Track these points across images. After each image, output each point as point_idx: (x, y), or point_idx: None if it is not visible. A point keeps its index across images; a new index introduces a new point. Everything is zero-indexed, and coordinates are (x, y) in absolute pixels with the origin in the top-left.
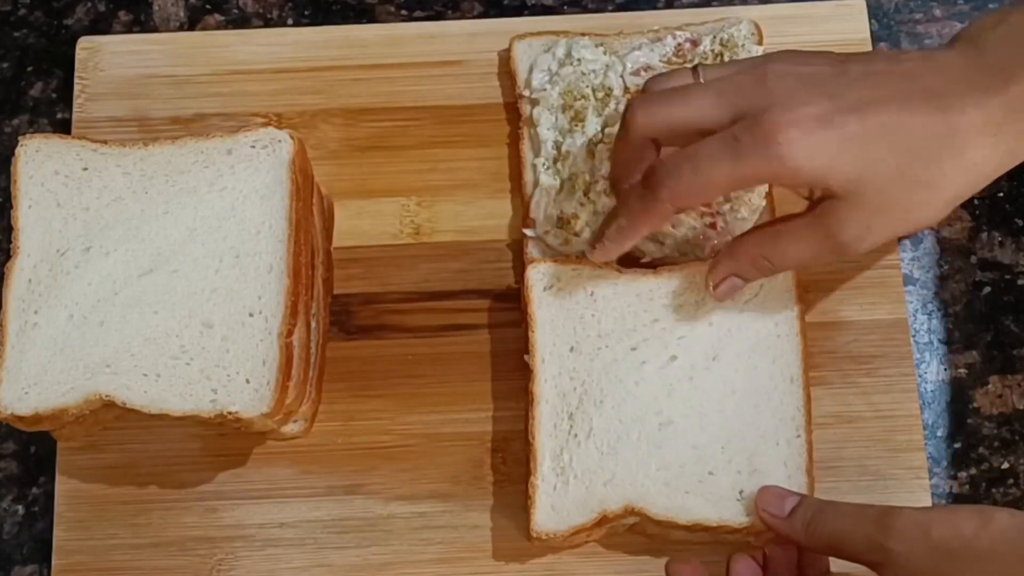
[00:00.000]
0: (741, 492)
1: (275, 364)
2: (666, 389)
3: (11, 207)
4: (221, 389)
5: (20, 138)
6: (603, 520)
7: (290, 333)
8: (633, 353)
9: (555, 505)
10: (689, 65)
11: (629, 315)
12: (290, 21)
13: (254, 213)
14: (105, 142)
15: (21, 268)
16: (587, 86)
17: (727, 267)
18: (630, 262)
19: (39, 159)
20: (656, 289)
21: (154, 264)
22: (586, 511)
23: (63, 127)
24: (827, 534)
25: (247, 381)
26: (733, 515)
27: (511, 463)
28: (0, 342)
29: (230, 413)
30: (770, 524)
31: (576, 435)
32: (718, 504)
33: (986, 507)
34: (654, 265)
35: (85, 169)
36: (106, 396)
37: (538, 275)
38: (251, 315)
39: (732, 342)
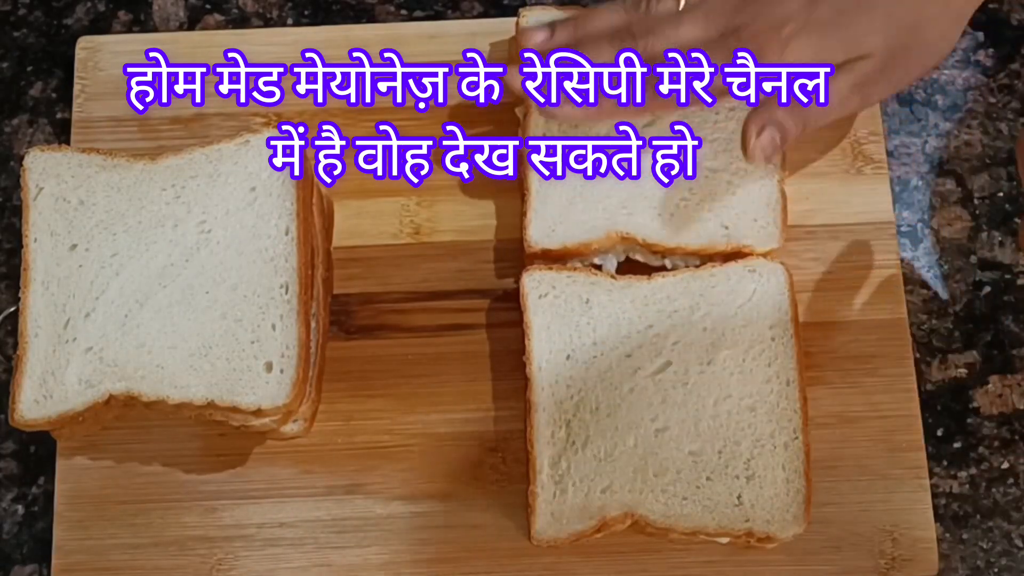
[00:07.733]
0: (739, 498)
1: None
2: (661, 395)
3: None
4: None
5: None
6: (603, 526)
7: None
8: (627, 360)
9: (555, 513)
10: None
11: (624, 321)
12: (290, 21)
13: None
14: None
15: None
16: None
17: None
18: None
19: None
20: (650, 295)
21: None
22: (585, 518)
23: (63, 127)
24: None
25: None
26: (731, 522)
27: (510, 463)
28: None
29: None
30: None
31: (573, 443)
32: (716, 511)
33: None
34: (651, 269)
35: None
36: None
37: (533, 282)
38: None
39: (726, 346)
